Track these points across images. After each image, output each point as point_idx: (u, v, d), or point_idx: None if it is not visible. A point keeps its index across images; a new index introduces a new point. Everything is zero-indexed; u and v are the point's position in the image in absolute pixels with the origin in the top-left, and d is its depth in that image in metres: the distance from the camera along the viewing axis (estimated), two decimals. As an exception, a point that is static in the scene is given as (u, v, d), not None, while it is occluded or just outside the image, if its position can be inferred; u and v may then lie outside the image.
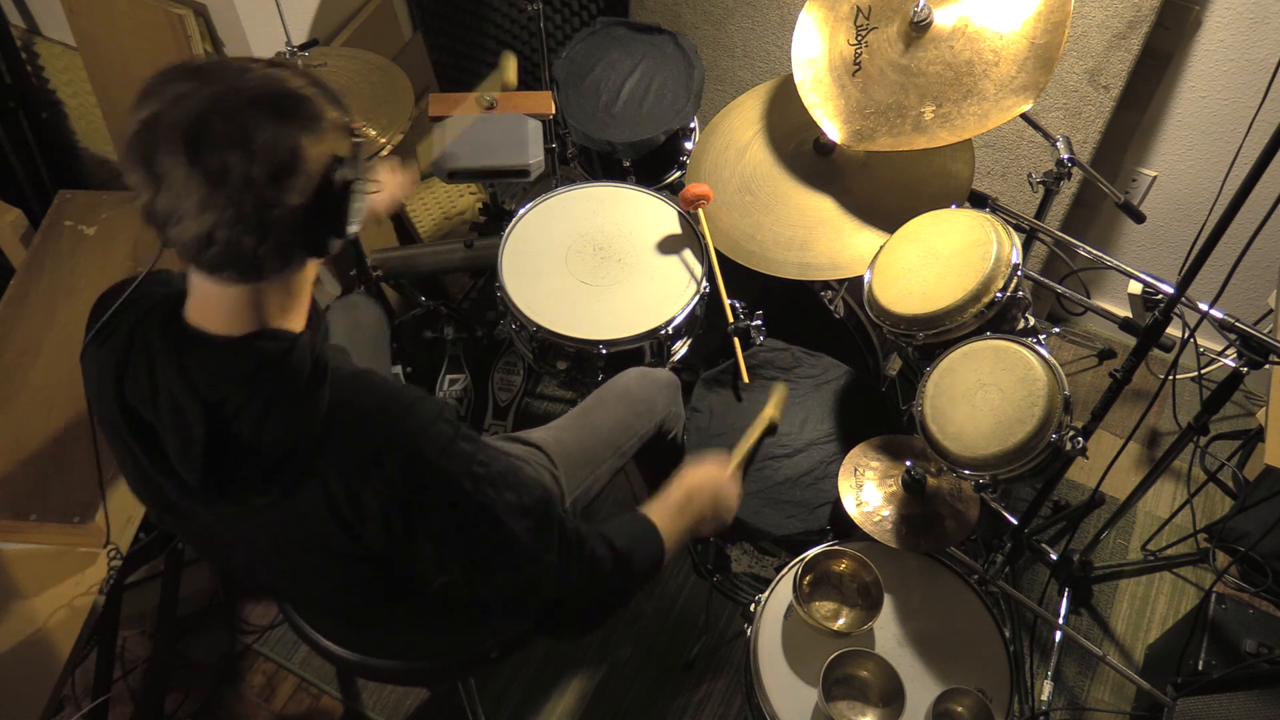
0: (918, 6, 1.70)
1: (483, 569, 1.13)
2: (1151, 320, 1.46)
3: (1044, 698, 1.99)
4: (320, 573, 1.17)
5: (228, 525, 1.14)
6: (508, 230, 1.94)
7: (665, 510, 1.35)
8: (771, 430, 1.76)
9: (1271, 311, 2.16)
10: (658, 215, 1.97)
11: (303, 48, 1.90)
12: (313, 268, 1.07)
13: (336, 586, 1.22)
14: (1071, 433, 1.45)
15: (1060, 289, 1.82)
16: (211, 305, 1.01)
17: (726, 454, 1.55)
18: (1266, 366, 1.55)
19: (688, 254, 1.91)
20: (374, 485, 1.03)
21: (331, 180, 0.98)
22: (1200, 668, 1.76)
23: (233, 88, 0.93)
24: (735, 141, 2.02)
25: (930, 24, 1.71)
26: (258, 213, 0.93)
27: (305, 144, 0.95)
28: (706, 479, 1.44)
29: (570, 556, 1.18)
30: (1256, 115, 1.36)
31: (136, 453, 1.05)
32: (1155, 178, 2.33)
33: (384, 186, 1.70)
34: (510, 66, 2.02)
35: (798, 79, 1.86)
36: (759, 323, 1.88)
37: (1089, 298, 1.87)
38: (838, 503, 1.63)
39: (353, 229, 1.02)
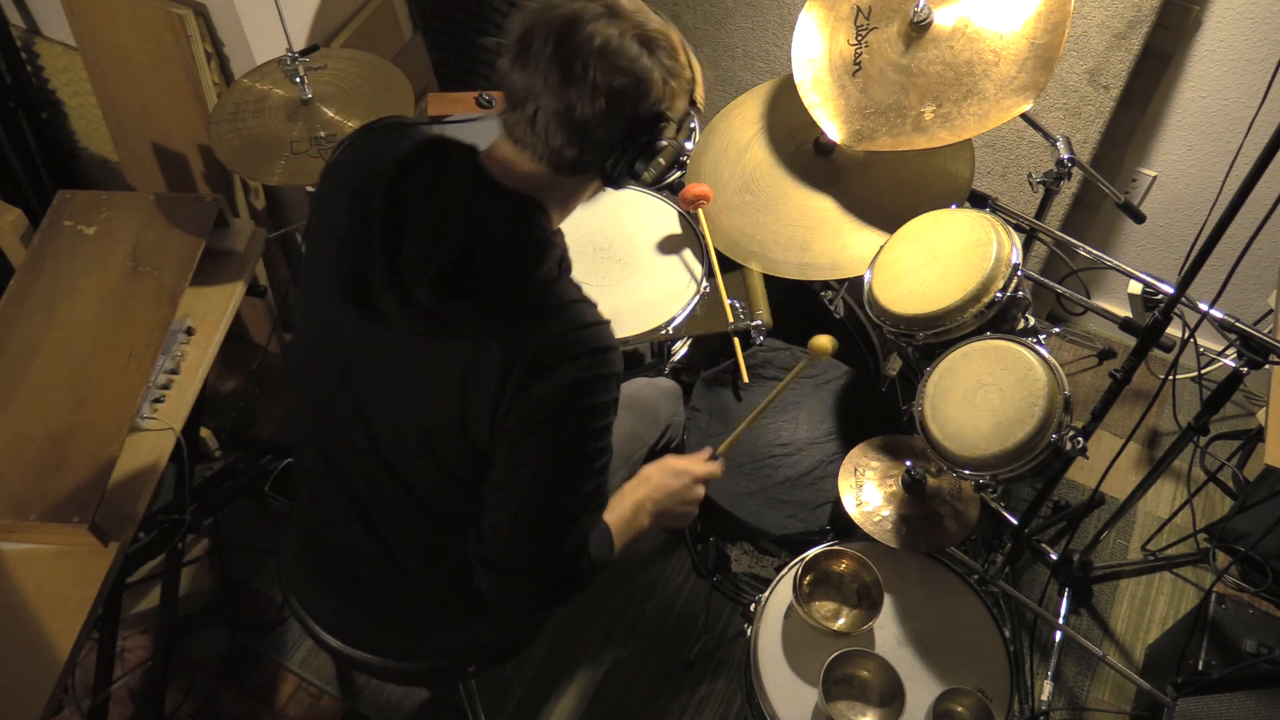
0: (918, 6, 1.70)
1: (533, 503, 1.17)
2: (1151, 320, 1.46)
3: (1044, 698, 1.99)
4: (432, 428, 1.21)
5: (395, 338, 1.17)
6: (508, 230, 1.94)
7: (616, 522, 1.37)
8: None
9: (1271, 311, 2.16)
10: (658, 215, 1.97)
11: (304, 53, 1.89)
12: (594, 189, 1.19)
13: (435, 454, 1.24)
14: (1071, 433, 1.45)
15: (1060, 289, 1.82)
16: (508, 163, 1.11)
17: (693, 456, 1.53)
18: (1266, 366, 1.55)
19: (688, 254, 1.91)
20: (553, 376, 1.10)
21: (653, 127, 1.09)
22: (1200, 668, 1.76)
23: (621, 10, 1.05)
24: (735, 141, 2.02)
25: (930, 24, 1.71)
26: (582, 122, 1.04)
27: (655, 79, 1.06)
28: (653, 491, 1.44)
29: (575, 553, 1.22)
30: (1256, 115, 1.36)
31: (376, 231, 1.11)
32: (1155, 178, 2.33)
33: None
34: None
35: (798, 79, 1.86)
36: (759, 323, 1.88)
37: (1089, 298, 1.87)
38: (838, 503, 1.63)
39: (647, 178, 1.13)
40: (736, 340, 1.85)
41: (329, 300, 1.21)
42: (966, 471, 1.52)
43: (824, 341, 1.55)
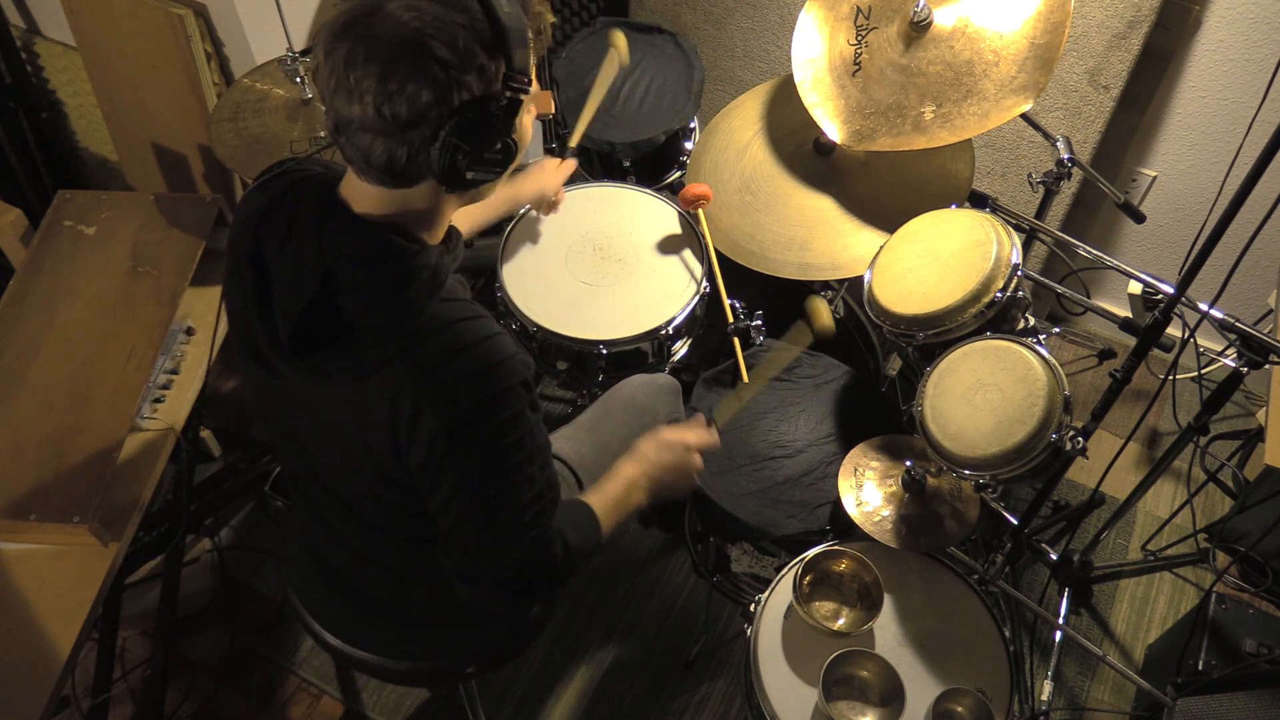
0: (918, 6, 1.70)
1: (475, 525, 1.16)
2: (1151, 320, 1.46)
3: (1044, 698, 1.99)
4: (359, 466, 1.20)
5: (299, 387, 1.18)
6: (508, 230, 1.94)
7: (605, 503, 1.36)
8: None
9: (1271, 311, 2.16)
10: (658, 215, 1.97)
11: (304, 53, 1.90)
12: (451, 201, 1.12)
13: (367, 486, 1.23)
14: (1071, 433, 1.45)
15: (1060, 289, 1.82)
16: (360, 190, 1.07)
17: (687, 424, 1.50)
18: (1266, 366, 1.55)
19: (688, 254, 1.91)
20: (437, 412, 1.07)
21: (479, 113, 1.00)
22: (1200, 668, 1.76)
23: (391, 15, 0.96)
24: (735, 141, 2.02)
25: (930, 24, 1.71)
26: (387, 130, 0.98)
27: (437, 91, 0.96)
28: (649, 467, 1.42)
29: (537, 552, 1.21)
30: (1256, 115, 1.36)
31: (248, 291, 1.09)
32: (1155, 178, 2.33)
33: (539, 180, 1.79)
34: (620, 44, 1.97)
35: (798, 79, 1.86)
36: (759, 323, 1.88)
37: (1089, 298, 1.87)
38: (838, 503, 1.63)
39: (491, 175, 1.05)
40: (736, 340, 1.85)
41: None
42: (966, 471, 1.52)
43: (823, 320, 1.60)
